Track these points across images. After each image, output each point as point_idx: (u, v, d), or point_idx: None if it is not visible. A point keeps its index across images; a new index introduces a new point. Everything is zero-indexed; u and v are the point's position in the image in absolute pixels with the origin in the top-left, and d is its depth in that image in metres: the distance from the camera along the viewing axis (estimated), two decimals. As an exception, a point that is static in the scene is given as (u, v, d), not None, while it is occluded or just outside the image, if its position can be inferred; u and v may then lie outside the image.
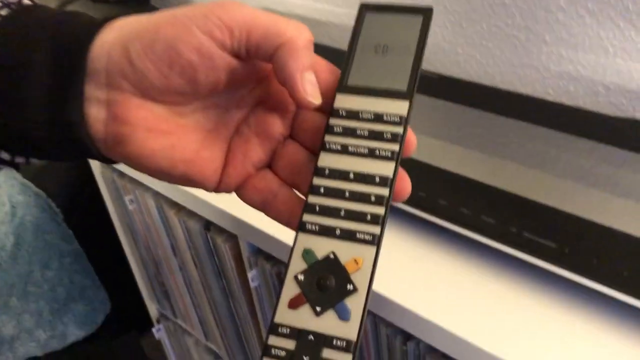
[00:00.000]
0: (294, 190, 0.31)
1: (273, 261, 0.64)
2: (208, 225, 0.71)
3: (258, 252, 0.66)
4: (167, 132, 0.29)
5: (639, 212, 0.46)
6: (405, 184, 0.29)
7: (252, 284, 0.68)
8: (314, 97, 0.28)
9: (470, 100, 0.61)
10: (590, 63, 0.60)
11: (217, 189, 0.31)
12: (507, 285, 0.49)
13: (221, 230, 0.69)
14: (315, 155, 0.30)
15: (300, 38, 0.28)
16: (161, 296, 0.97)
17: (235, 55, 0.28)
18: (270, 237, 0.58)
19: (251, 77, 0.31)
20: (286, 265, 0.28)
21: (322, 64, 0.30)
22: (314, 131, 0.31)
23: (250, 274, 0.67)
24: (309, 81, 0.28)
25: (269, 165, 0.32)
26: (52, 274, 0.95)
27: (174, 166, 0.30)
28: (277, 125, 0.31)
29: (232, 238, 0.68)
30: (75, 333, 0.99)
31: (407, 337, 0.52)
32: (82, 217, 1.01)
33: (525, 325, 0.45)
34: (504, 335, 0.45)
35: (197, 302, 0.87)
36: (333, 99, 0.30)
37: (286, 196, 0.31)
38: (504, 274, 0.49)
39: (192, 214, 0.73)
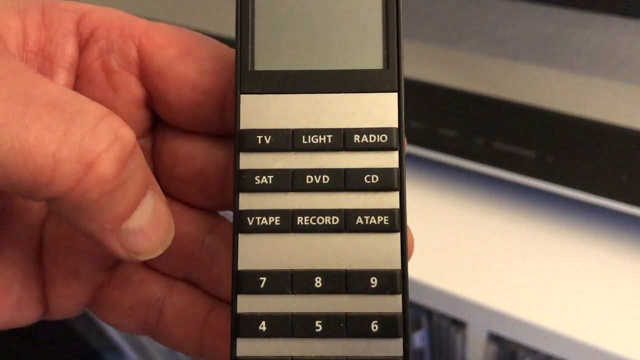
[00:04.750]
0: (194, 286, 0.19)
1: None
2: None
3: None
4: None
5: (625, 95, 0.37)
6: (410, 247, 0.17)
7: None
8: (148, 250, 0.16)
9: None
10: None
11: (48, 317, 0.19)
12: (480, 209, 0.40)
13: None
14: (208, 220, 0.19)
15: (90, 181, 0.14)
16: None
17: None
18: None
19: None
20: None
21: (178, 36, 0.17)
22: (196, 177, 0.18)
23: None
24: (134, 232, 0.15)
25: None
26: None
27: None
28: None
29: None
30: None
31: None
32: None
33: (505, 258, 0.37)
34: (480, 269, 0.37)
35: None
36: (221, 111, 0.17)
37: (181, 305, 0.19)
38: (476, 195, 0.41)
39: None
